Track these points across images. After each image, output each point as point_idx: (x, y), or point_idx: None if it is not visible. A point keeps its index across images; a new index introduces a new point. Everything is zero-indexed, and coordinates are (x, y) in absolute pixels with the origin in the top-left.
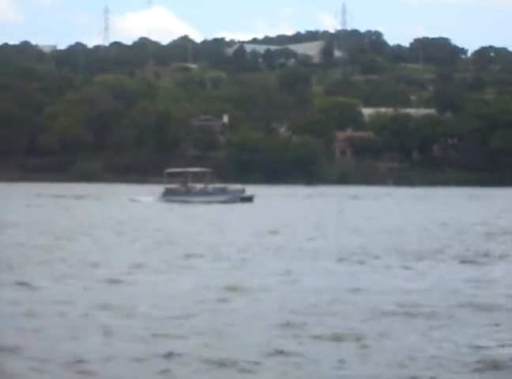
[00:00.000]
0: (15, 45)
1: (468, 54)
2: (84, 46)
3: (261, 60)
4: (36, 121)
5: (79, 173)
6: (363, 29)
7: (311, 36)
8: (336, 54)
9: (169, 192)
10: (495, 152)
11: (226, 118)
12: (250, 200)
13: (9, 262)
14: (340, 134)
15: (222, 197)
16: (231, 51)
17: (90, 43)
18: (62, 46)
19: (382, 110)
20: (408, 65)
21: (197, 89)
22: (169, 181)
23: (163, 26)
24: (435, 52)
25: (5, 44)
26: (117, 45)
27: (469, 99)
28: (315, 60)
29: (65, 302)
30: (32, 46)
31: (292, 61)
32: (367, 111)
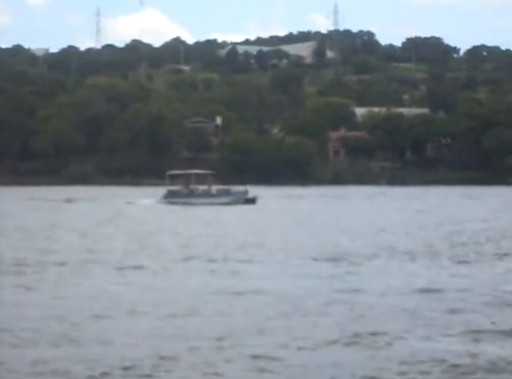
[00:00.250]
0: (7, 48)
1: (461, 53)
2: (77, 49)
3: (253, 61)
4: (29, 124)
5: (71, 176)
6: (355, 29)
7: (303, 37)
8: (329, 54)
9: (171, 194)
10: (487, 152)
11: (219, 120)
12: (253, 201)
13: None
14: (334, 134)
15: (226, 199)
16: (223, 53)
17: (82, 45)
18: (54, 50)
19: (375, 109)
20: (401, 65)
21: (189, 91)
22: (171, 183)
23: (156, 28)
24: (428, 51)
25: None
26: (109, 47)
27: (462, 99)
28: (308, 60)
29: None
30: (24, 49)
31: (285, 61)
32: (360, 111)
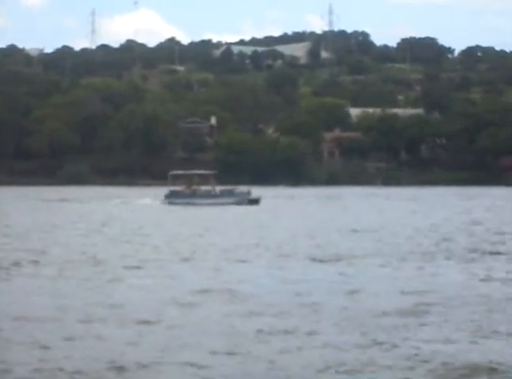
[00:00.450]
0: (2, 49)
1: (455, 53)
2: (71, 49)
3: (248, 61)
4: (24, 124)
5: (66, 176)
6: (349, 30)
7: (298, 37)
8: (323, 54)
9: (173, 194)
10: (482, 152)
11: (213, 120)
12: (256, 202)
13: None
14: (328, 135)
15: (230, 199)
16: (218, 53)
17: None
18: (48, 50)
19: (370, 110)
20: (395, 66)
21: (184, 91)
22: (173, 184)
23: (150, 28)
24: (422, 52)
25: None
26: (104, 48)
27: (456, 99)
28: (302, 61)
29: None
30: (19, 49)
31: (279, 62)
32: (355, 112)
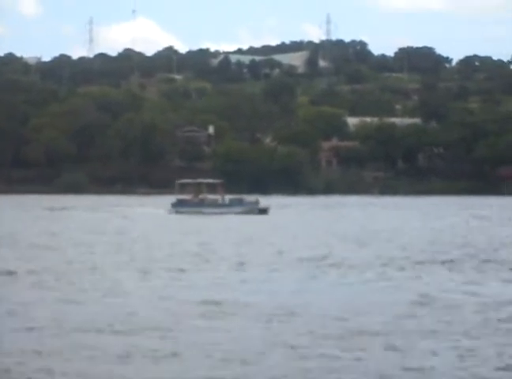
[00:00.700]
0: (0, 57)
1: (453, 63)
2: (69, 57)
3: (245, 70)
4: (21, 133)
5: (64, 185)
6: (347, 39)
7: (296, 46)
8: (321, 64)
9: (181, 203)
10: (480, 161)
11: (211, 129)
12: (265, 211)
13: None
14: (326, 144)
15: (239, 209)
16: (215, 62)
17: (75, 54)
18: (46, 58)
19: (367, 119)
20: (393, 75)
21: (182, 100)
22: (180, 192)
23: (148, 37)
24: (420, 61)
25: None
26: (102, 56)
27: (454, 108)
28: (300, 70)
29: None
30: (17, 58)
31: (277, 71)
32: (352, 121)
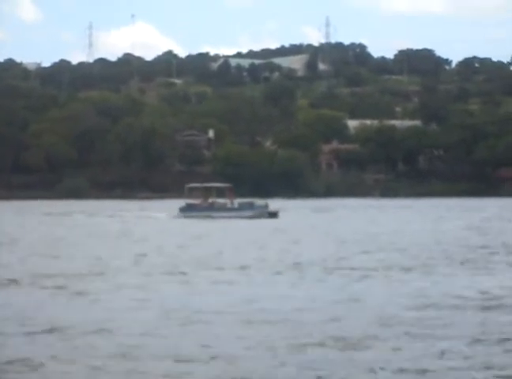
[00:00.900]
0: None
1: (453, 65)
2: (69, 63)
3: (245, 74)
4: (21, 139)
5: (65, 190)
6: (346, 42)
7: (295, 50)
8: (321, 67)
9: (190, 207)
10: (480, 163)
11: (211, 133)
12: (275, 215)
13: None
14: (326, 147)
15: (249, 213)
16: (215, 66)
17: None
18: (46, 64)
19: (367, 122)
20: (393, 77)
21: (181, 104)
22: (189, 197)
23: (147, 41)
24: (419, 64)
25: None
26: (101, 61)
27: (454, 110)
28: (300, 73)
29: None
30: (17, 63)
31: (277, 74)
32: (352, 124)
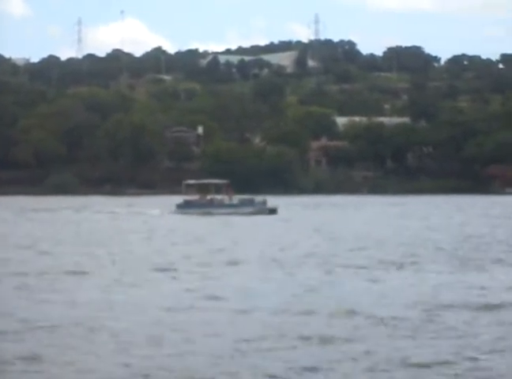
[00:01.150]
0: None
1: (442, 62)
2: (58, 58)
3: (234, 71)
4: (10, 134)
5: (52, 186)
6: (336, 39)
7: (284, 46)
8: (310, 63)
9: (188, 204)
10: (469, 160)
11: (200, 129)
12: (274, 211)
13: None
14: (315, 144)
15: (249, 209)
16: (204, 62)
17: (63, 55)
18: (35, 59)
19: (356, 119)
20: (382, 74)
21: (171, 101)
22: (186, 193)
23: (137, 38)
24: (409, 61)
25: None
26: (90, 57)
27: (443, 108)
28: (289, 70)
29: None
30: (5, 59)
31: (266, 71)
32: (341, 120)
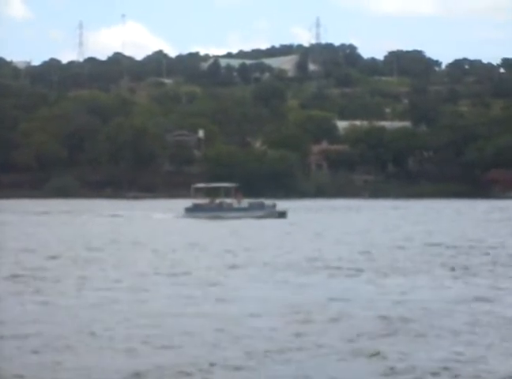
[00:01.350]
0: None
1: (443, 66)
2: (59, 62)
3: (235, 74)
4: (11, 137)
5: (53, 189)
6: (337, 43)
7: (286, 50)
8: (311, 67)
9: (197, 207)
10: (469, 164)
11: (201, 133)
12: (284, 215)
13: None
14: (316, 147)
15: (260, 212)
16: (205, 66)
17: (64, 58)
18: (36, 63)
19: (357, 123)
20: (383, 78)
21: (172, 104)
22: (195, 197)
23: (138, 41)
24: (409, 65)
25: None
26: (91, 60)
27: (444, 112)
28: (290, 74)
29: None
30: (7, 62)
31: (267, 75)
32: (342, 124)
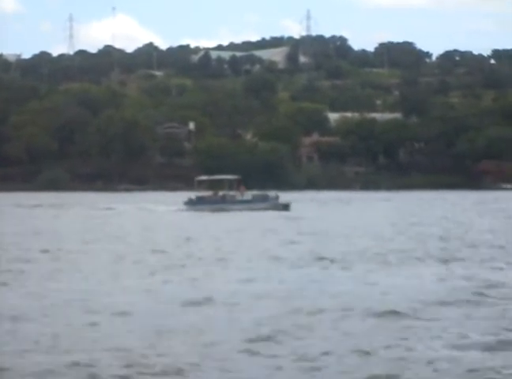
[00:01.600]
0: None
1: (433, 58)
2: (49, 54)
3: (226, 66)
4: (1, 130)
5: (44, 182)
6: (327, 34)
7: (276, 42)
8: (302, 59)
9: (200, 200)
10: (460, 156)
11: (192, 125)
12: (287, 207)
13: None
14: (307, 139)
15: (264, 205)
16: (196, 58)
17: (55, 51)
18: (26, 55)
19: (348, 114)
20: (373, 70)
21: (162, 96)
22: (198, 189)
23: (128, 33)
24: (400, 56)
25: None
26: (82, 53)
27: (434, 103)
28: (280, 66)
29: None
30: None
31: (258, 67)
32: (333, 116)
